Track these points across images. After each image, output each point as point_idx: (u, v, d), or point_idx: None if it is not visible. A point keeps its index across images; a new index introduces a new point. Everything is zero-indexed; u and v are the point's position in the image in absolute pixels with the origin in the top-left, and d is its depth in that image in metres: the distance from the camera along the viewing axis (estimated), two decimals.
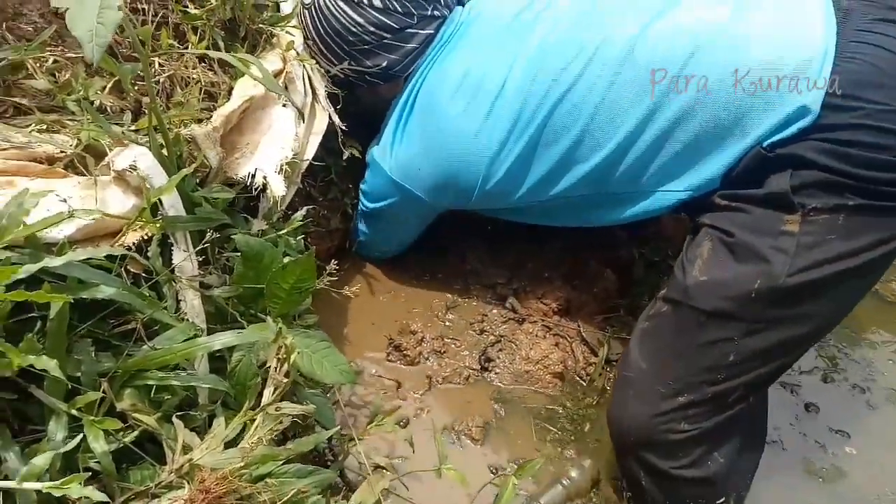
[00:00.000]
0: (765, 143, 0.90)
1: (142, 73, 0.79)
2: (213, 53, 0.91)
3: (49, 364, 0.57)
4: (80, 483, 0.54)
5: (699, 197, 0.99)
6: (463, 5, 1.24)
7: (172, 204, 0.79)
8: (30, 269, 0.60)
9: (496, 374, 1.28)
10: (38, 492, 0.57)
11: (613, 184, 1.05)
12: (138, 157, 0.77)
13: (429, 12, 1.16)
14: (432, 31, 1.16)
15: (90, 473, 0.61)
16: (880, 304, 1.55)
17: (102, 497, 0.56)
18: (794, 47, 0.89)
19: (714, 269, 0.93)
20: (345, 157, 1.30)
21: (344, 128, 1.25)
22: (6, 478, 0.59)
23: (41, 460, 0.56)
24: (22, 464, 0.61)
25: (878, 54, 0.86)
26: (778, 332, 0.90)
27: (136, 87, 0.97)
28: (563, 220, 1.19)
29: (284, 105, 1.16)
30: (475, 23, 1.16)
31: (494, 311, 1.38)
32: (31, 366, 0.58)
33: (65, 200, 0.67)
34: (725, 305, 0.91)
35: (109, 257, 0.72)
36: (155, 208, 0.79)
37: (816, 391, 1.34)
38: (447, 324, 1.36)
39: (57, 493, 0.54)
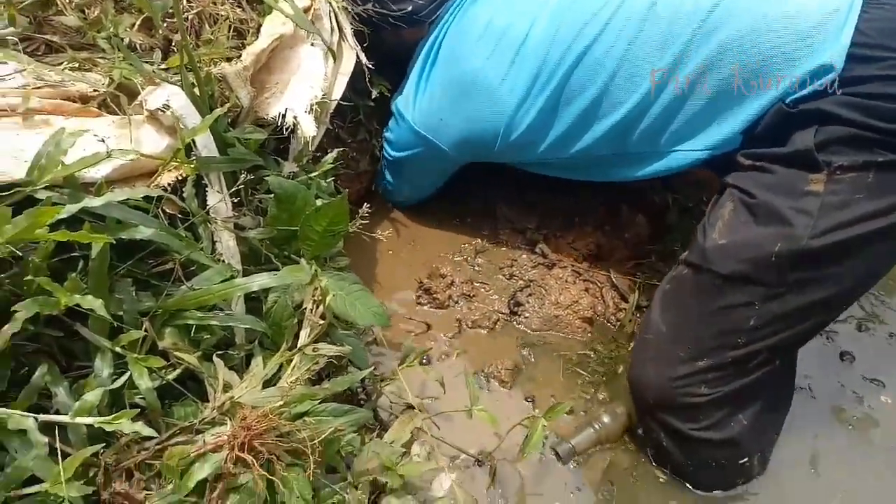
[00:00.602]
0: (788, 99, 0.87)
1: (171, 10, 0.78)
2: None
3: (95, 303, 0.58)
4: (130, 419, 0.56)
5: (721, 156, 0.97)
6: None
7: (206, 144, 0.78)
8: (71, 209, 0.60)
9: (525, 318, 1.28)
10: (89, 426, 0.58)
11: (632, 143, 1.04)
12: (171, 97, 0.76)
13: None
14: None
15: (138, 410, 0.62)
16: None
17: (151, 432, 0.58)
18: None
19: (734, 232, 0.91)
20: (373, 97, 1.29)
21: (371, 66, 1.23)
22: (57, 412, 0.61)
23: (92, 396, 0.57)
24: (71, 399, 0.63)
25: None
26: (801, 296, 0.88)
27: (165, 25, 0.95)
28: (585, 175, 1.18)
29: (313, 44, 1.14)
30: None
31: (524, 255, 1.37)
32: (77, 305, 0.58)
33: (102, 140, 0.66)
34: (744, 269, 0.89)
35: (146, 198, 0.72)
36: (189, 149, 0.78)
37: (851, 339, 1.32)
38: (476, 268, 1.35)
39: (108, 428, 0.55)
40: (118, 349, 0.67)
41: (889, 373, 1.26)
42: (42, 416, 0.56)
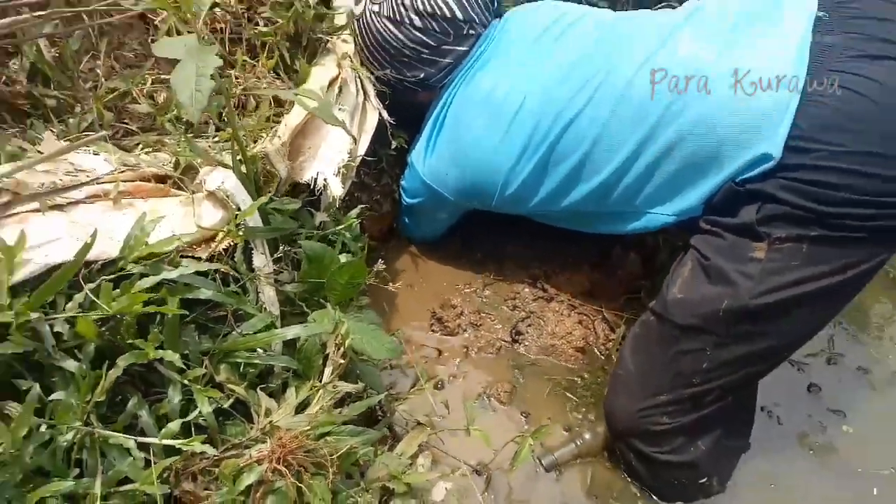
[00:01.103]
0: (737, 179, 1.01)
1: (224, 110, 0.98)
2: (282, 94, 1.07)
3: (173, 357, 0.78)
4: (200, 441, 0.76)
5: (687, 220, 1.12)
6: (500, 17, 1.37)
7: (252, 218, 0.98)
8: (153, 280, 0.80)
9: (525, 346, 1.46)
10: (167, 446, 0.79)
11: (611, 203, 1.19)
12: (225, 180, 0.96)
13: (465, 31, 1.29)
14: (467, 48, 1.30)
15: (204, 433, 0.82)
16: (890, 290, 1.65)
17: (213, 451, 0.78)
18: (767, 91, 0.97)
19: (690, 288, 1.06)
20: (393, 148, 1.48)
21: (392, 122, 1.42)
22: (142, 430, 0.82)
23: (174, 426, 0.78)
24: (151, 418, 0.84)
25: (845, 97, 0.92)
26: (745, 345, 1.03)
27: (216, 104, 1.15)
28: (575, 227, 1.35)
29: (341, 109, 1.34)
30: (504, 39, 1.29)
31: (526, 289, 1.55)
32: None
33: (173, 233, 0.87)
34: (697, 322, 1.05)
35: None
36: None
37: (821, 372, 1.47)
38: (483, 299, 1.53)
39: (185, 448, 0.75)
40: (186, 381, 0.87)
41: (852, 405, 1.40)
42: (140, 438, 0.76)
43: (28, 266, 0.76)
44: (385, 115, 1.43)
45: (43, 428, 0.76)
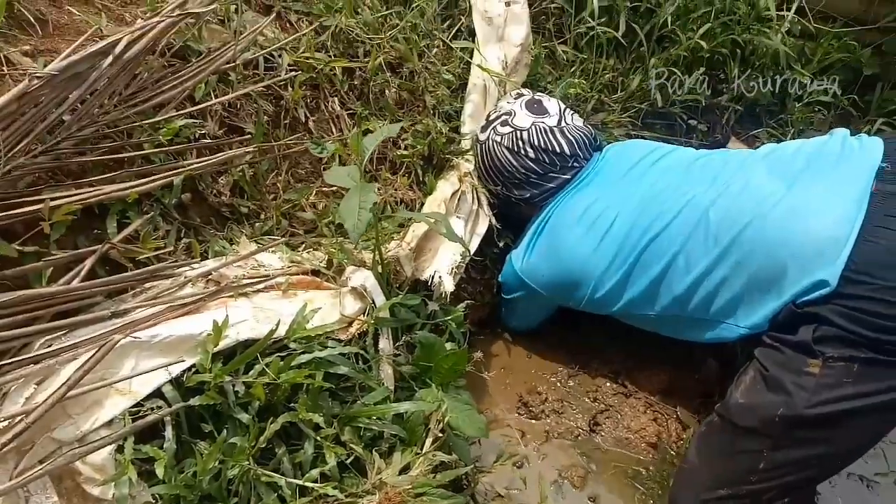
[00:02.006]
0: (797, 301, 1.15)
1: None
2: (411, 215, 1.34)
3: (318, 419, 1.03)
4: (332, 487, 1.00)
5: (755, 334, 1.26)
6: (600, 150, 1.60)
7: (383, 310, 1.24)
8: (309, 356, 1.07)
9: (601, 436, 1.62)
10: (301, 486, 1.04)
11: (690, 310, 1.35)
12: (366, 279, 1.23)
13: (570, 164, 1.54)
14: (569, 177, 1.54)
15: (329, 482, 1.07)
16: None
17: (340, 495, 1.02)
18: (829, 226, 1.13)
19: (751, 394, 1.20)
20: (499, 247, 1.72)
21: (499, 227, 1.67)
22: (283, 473, 1.07)
23: (314, 473, 1.03)
24: (289, 463, 1.09)
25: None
26: (800, 450, 1.15)
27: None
28: (658, 330, 1.50)
29: (458, 217, 1.60)
30: (602, 168, 1.52)
31: (608, 383, 1.71)
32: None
33: (323, 320, 1.14)
34: (756, 424, 1.18)
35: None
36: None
37: (890, 494, 1.52)
38: (567, 389, 1.71)
39: (318, 490, 1.00)
40: (319, 438, 1.12)
41: None
42: (289, 479, 1.02)
43: (224, 340, 1.05)
44: (494, 221, 1.69)
45: (215, 463, 1.03)
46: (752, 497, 1.21)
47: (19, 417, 0.84)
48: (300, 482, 1.03)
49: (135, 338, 0.95)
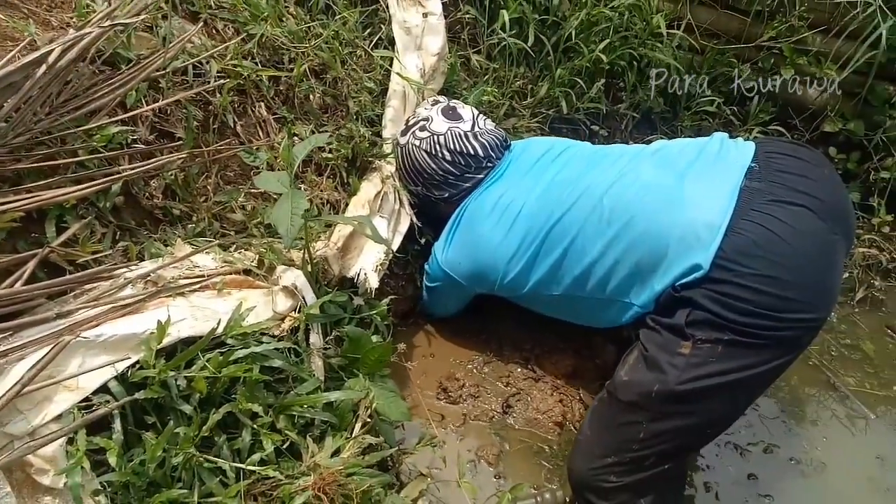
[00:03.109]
0: (676, 285, 1.31)
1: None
2: (336, 219, 1.44)
3: (256, 408, 1.12)
4: (271, 469, 1.09)
5: (643, 315, 1.42)
6: (509, 148, 1.75)
7: (313, 307, 1.33)
8: (246, 351, 1.16)
9: (513, 417, 1.78)
10: (241, 469, 1.12)
11: (588, 290, 1.49)
12: (296, 279, 1.32)
13: (483, 164, 1.68)
14: (482, 176, 1.69)
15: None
16: (824, 387, 1.97)
17: (281, 476, 1.11)
18: (706, 215, 1.28)
19: (633, 372, 1.37)
20: (420, 244, 1.84)
21: (419, 224, 1.79)
22: (224, 460, 1.15)
23: (256, 457, 1.12)
24: (228, 450, 1.17)
25: (759, 231, 1.23)
26: (672, 421, 1.32)
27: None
28: (562, 315, 1.67)
29: (381, 216, 1.71)
30: (510, 167, 1.68)
31: (519, 369, 1.88)
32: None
33: (258, 317, 1.23)
34: (636, 399, 1.34)
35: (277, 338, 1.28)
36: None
37: (759, 459, 1.76)
38: (482, 375, 1.86)
39: (263, 473, 1.09)
40: (255, 426, 1.21)
41: (782, 490, 1.68)
42: (231, 463, 1.10)
43: (166, 338, 1.12)
44: (415, 219, 1.81)
45: (161, 452, 1.11)
46: (635, 463, 1.37)
47: None
48: (242, 465, 1.11)
49: (82, 337, 1.01)
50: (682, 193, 1.36)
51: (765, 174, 1.34)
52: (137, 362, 1.09)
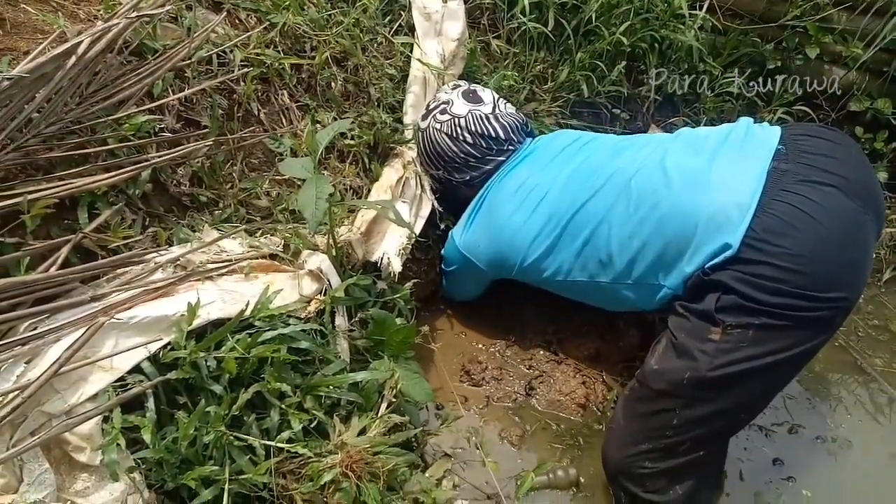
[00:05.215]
0: (705, 267, 1.30)
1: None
2: (360, 203, 1.46)
3: (286, 388, 1.15)
4: (300, 446, 1.12)
5: (671, 300, 1.42)
6: (532, 137, 1.75)
7: (338, 291, 1.36)
8: (273, 333, 1.18)
9: (536, 399, 1.79)
10: (271, 447, 1.15)
11: (614, 276, 1.49)
12: (321, 263, 1.35)
13: (504, 147, 1.69)
14: (504, 159, 1.69)
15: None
16: (850, 369, 1.95)
17: (309, 453, 1.14)
18: (736, 196, 1.28)
19: (663, 361, 1.37)
20: (441, 229, 1.86)
21: (440, 209, 1.81)
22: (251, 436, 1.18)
23: (286, 435, 1.14)
24: (258, 429, 1.20)
25: (789, 210, 1.23)
26: (705, 407, 1.32)
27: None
28: (585, 299, 1.67)
29: (403, 201, 1.73)
30: (535, 152, 1.68)
31: (541, 352, 1.89)
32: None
33: (284, 300, 1.25)
34: (667, 387, 1.35)
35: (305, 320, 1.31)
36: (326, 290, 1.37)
37: (784, 440, 1.76)
38: (505, 358, 1.88)
39: (292, 450, 1.12)
40: (283, 406, 1.23)
41: (810, 470, 1.68)
42: (265, 441, 1.13)
43: (196, 320, 1.15)
44: (436, 204, 1.82)
45: (193, 430, 1.14)
46: (669, 449, 1.38)
47: (14, 394, 0.92)
48: (271, 443, 1.14)
49: (115, 319, 1.04)
50: (710, 175, 1.35)
51: (792, 156, 1.33)
52: (169, 343, 1.12)
